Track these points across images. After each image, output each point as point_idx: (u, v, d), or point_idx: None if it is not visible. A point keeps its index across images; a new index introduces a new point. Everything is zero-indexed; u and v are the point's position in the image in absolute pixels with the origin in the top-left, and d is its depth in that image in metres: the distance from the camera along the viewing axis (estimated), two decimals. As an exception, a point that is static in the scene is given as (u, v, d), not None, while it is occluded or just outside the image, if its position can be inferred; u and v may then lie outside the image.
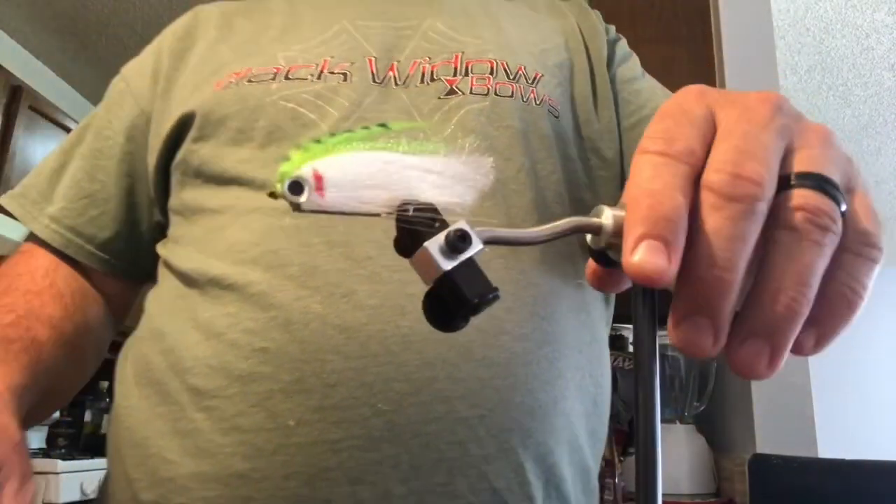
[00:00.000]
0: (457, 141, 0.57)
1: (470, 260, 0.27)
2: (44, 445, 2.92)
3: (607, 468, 1.57)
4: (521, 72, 0.64)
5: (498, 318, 0.52)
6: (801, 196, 0.28)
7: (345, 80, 0.62)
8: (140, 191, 0.71)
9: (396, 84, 0.62)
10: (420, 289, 0.27)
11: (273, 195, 0.28)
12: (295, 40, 0.67)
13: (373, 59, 0.64)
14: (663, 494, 0.28)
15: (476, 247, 0.27)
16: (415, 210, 0.28)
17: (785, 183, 0.28)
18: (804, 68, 3.18)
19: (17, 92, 2.74)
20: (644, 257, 0.26)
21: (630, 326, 0.59)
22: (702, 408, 1.55)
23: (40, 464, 2.33)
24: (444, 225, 0.27)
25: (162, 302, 0.60)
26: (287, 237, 0.54)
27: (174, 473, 0.49)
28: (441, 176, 0.29)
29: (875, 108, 3.53)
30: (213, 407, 0.50)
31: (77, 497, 2.38)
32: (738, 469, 1.38)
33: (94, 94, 3.64)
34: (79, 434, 3.02)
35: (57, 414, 2.96)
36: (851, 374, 5.59)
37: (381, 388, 0.48)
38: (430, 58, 0.64)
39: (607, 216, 0.29)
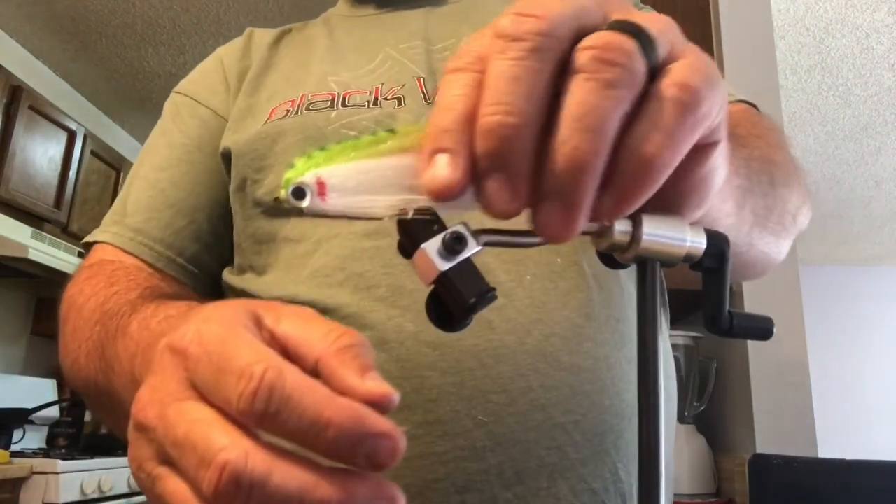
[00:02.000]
0: None
1: (467, 260, 0.28)
2: (44, 445, 2.93)
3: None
4: None
5: (579, 325, 0.54)
6: (595, 37, 0.25)
7: (399, 104, 0.62)
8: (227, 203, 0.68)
9: None
10: (504, 302, 0.27)
11: (277, 200, 0.29)
12: (343, 67, 0.67)
13: (421, 79, 0.64)
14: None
15: (473, 248, 0.28)
16: (414, 213, 0.28)
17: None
18: (804, 68, 3.18)
19: (17, 92, 2.74)
20: (433, 173, 0.26)
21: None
22: (702, 408, 1.56)
23: (40, 464, 2.34)
24: (443, 227, 0.28)
25: None
26: (370, 259, 0.55)
27: None
28: None
29: (875, 108, 3.53)
30: None
31: (77, 497, 2.38)
32: (738, 469, 1.38)
33: (94, 94, 3.64)
34: (79, 434, 3.02)
35: (57, 414, 2.97)
36: (851, 374, 5.59)
37: (479, 400, 0.50)
38: None
39: None
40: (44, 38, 3.15)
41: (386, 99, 0.63)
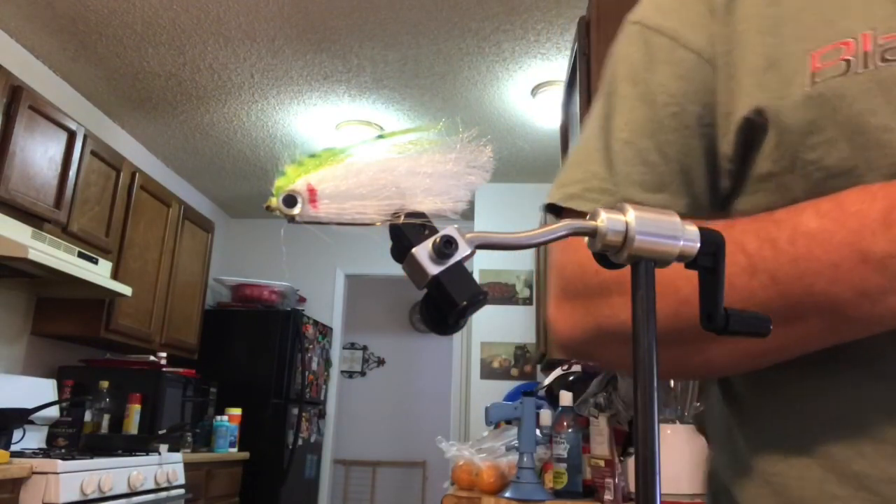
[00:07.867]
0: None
1: (458, 264, 0.28)
2: (44, 445, 2.93)
3: (607, 468, 1.57)
4: None
5: None
6: None
7: None
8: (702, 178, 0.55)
9: None
10: None
11: (268, 209, 0.29)
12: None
13: None
14: (663, 494, 0.28)
15: (464, 251, 0.28)
16: (406, 217, 0.28)
17: None
18: (804, 68, 3.18)
19: (17, 92, 2.74)
20: None
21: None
22: (702, 408, 1.55)
23: (40, 464, 2.34)
24: (434, 231, 0.28)
25: None
26: None
27: None
28: (433, 177, 0.29)
29: (875, 107, 3.53)
30: None
31: (77, 497, 2.38)
32: (738, 469, 1.38)
33: (95, 94, 3.64)
34: (79, 434, 3.03)
35: (57, 414, 2.97)
36: (851, 374, 5.59)
37: None
38: None
39: (603, 219, 0.29)
40: (44, 38, 3.15)
41: None
